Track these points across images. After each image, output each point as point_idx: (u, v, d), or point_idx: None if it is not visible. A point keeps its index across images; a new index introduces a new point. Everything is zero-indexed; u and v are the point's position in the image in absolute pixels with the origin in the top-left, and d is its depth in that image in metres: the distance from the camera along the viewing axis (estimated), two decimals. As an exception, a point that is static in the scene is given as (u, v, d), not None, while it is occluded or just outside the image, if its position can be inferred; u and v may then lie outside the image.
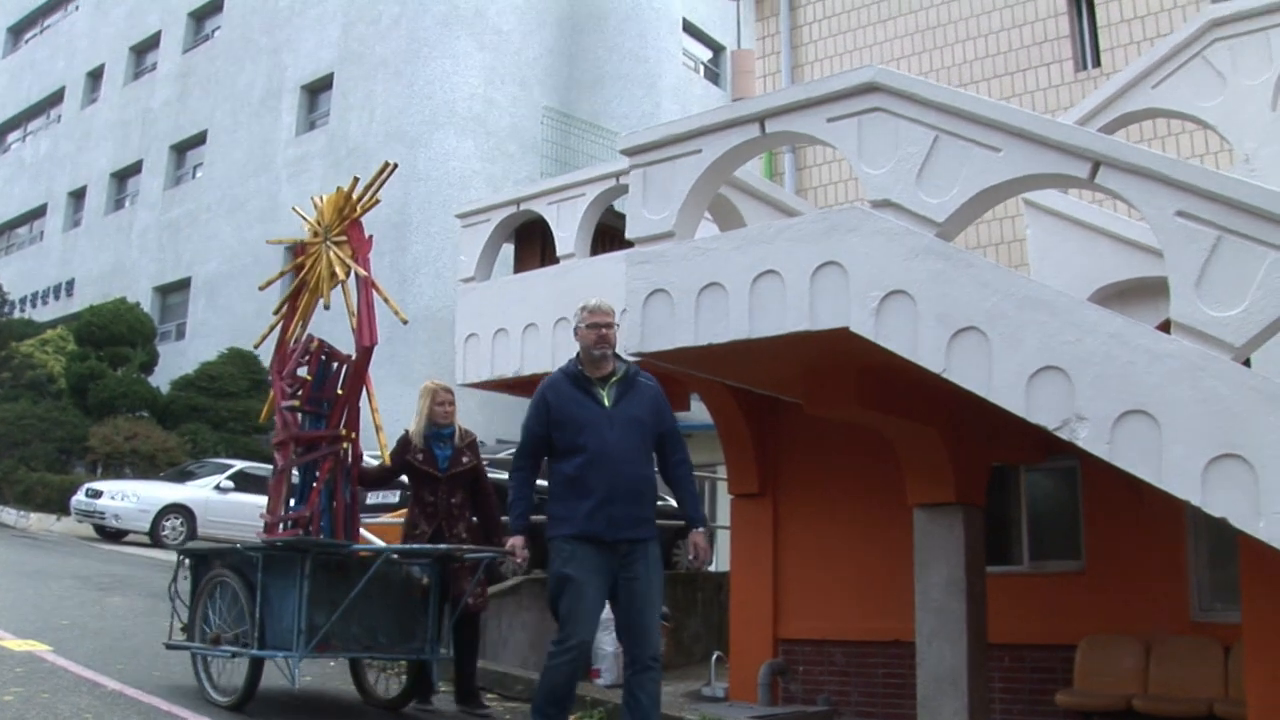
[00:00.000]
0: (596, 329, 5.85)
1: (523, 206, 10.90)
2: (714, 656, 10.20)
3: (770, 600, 9.75)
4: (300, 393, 7.26)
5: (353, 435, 7.31)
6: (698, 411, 10.99)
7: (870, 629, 9.65)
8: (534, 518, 6.12)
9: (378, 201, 7.30)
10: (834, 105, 6.85)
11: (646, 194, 7.54)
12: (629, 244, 7.74)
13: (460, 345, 10.73)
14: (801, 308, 6.57)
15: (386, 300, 7.16)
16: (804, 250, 6.66)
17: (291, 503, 7.20)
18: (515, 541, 5.91)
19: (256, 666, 6.76)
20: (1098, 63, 11.69)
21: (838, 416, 8.14)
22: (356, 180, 7.36)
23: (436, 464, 7.52)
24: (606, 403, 5.82)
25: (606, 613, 9.93)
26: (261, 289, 8.37)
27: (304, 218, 7.73)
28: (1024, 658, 9.50)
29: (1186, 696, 8.74)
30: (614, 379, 5.89)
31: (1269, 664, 6.05)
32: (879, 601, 9.46)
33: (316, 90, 26.79)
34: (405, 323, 7.85)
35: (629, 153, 7.75)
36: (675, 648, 12.13)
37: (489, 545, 7.48)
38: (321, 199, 7.62)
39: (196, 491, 18.27)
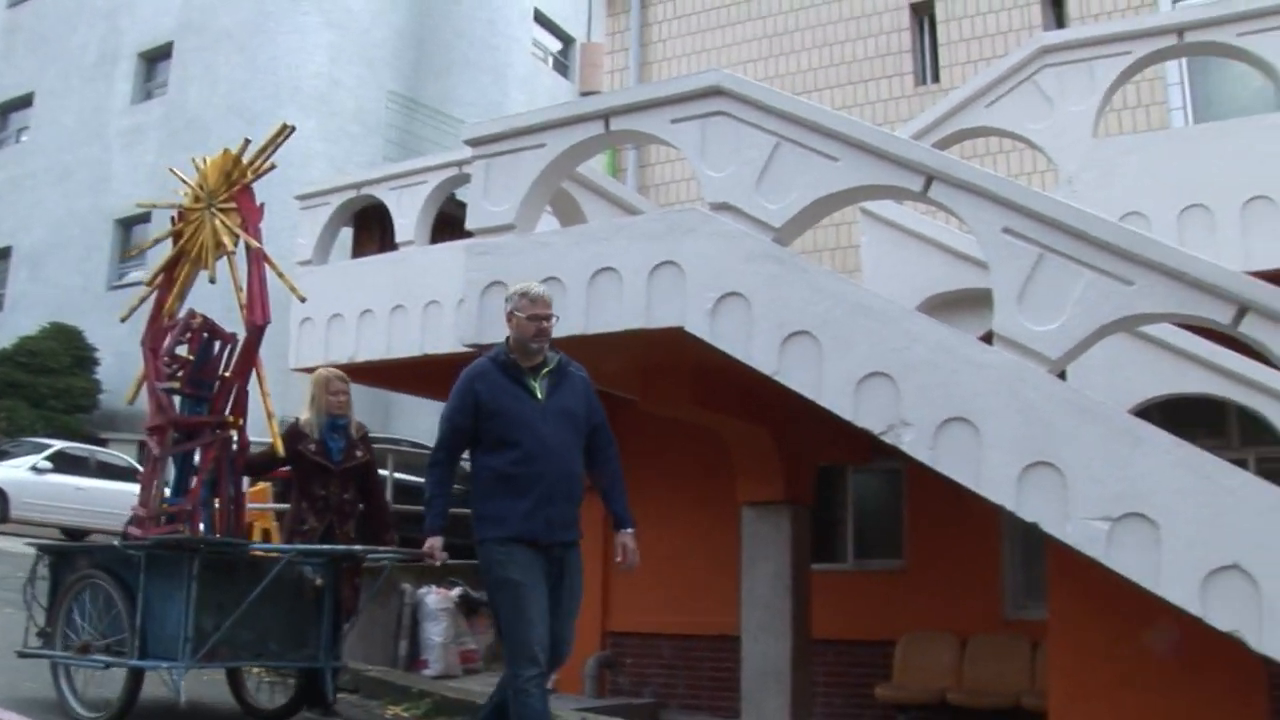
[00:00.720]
0: (537, 321, 5.42)
1: (363, 190, 10.74)
2: (541, 648, 10.24)
3: (599, 593, 9.81)
4: (180, 373, 6.71)
5: (240, 422, 6.83)
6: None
7: (697, 623, 9.80)
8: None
9: (273, 167, 6.87)
10: (679, 107, 6.92)
11: (489, 185, 7.51)
12: (469, 234, 7.70)
13: (295, 329, 10.51)
14: (638, 306, 6.63)
15: (281, 276, 6.76)
16: (643, 249, 6.71)
17: (166, 493, 6.67)
18: (434, 543, 5.41)
19: (136, 678, 6.16)
20: (937, 78, 12.04)
21: (671, 414, 8.24)
22: (247, 142, 6.89)
23: (330, 456, 7.06)
24: (539, 395, 5.40)
25: (439, 602, 9.94)
26: (124, 259, 7.72)
27: (184, 181, 7.17)
28: (846, 653, 9.76)
29: (997, 690, 9.12)
30: (545, 369, 5.47)
31: (1069, 658, 6.33)
32: (706, 596, 9.60)
33: (154, 58, 25.84)
34: (303, 301, 7.51)
35: (473, 143, 7.71)
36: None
37: (378, 544, 7.10)
38: (204, 161, 7.09)
39: (10, 472, 17.24)
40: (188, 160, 7.39)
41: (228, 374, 6.78)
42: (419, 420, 18.25)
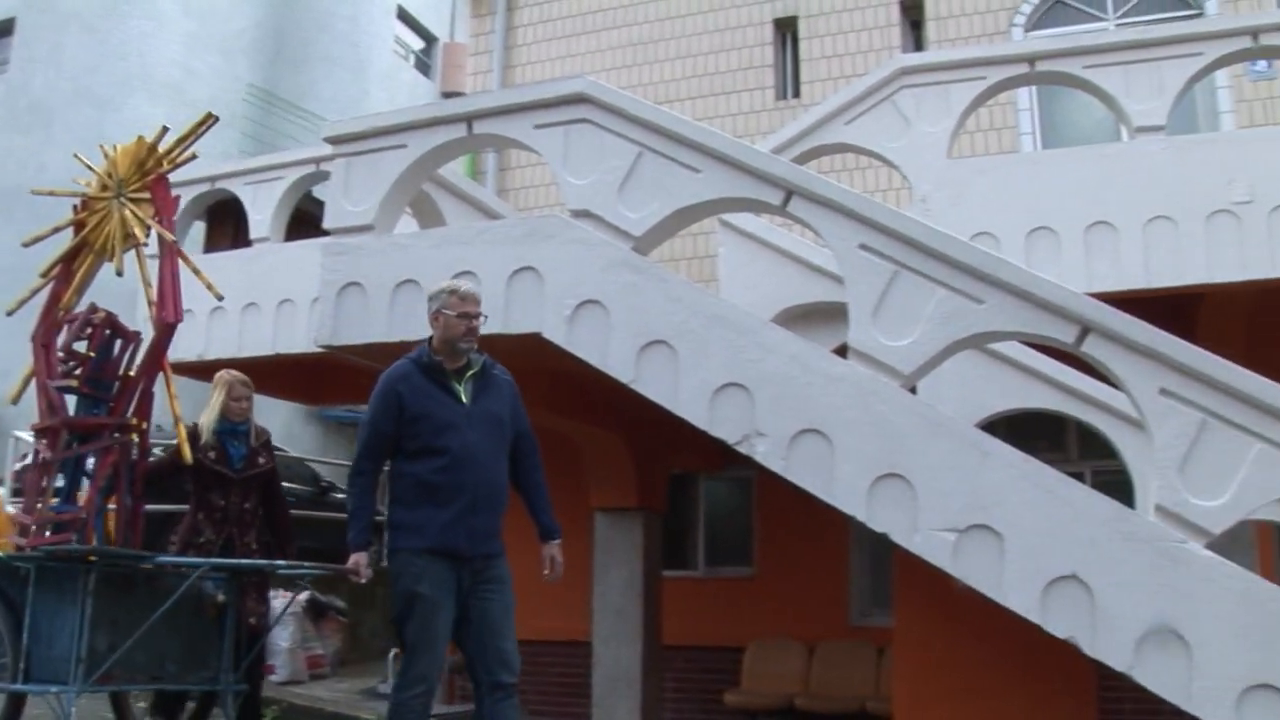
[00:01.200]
0: (468, 319, 5.22)
1: (217, 184, 10.48)
2: (390, 654, 10.11)
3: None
4: (78, 371, 6.31)
5: (144, 425, 6.44)
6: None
7: (548, 629, 9.76)
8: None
9: (193, 157, 6.54)
10: (543, 112, 6.90)
11: (348, 184, 7.39)
12: (325, 232, 7.57)
13: (143, 325, 10.20)
14: (496, 311, 6.56)
15: (197, 272, 6.41)
16: (502, 253, 6.67)
17: (54, 501, 6.25)
18: (359, 559, 5.20)
19: (16, 704, 5.87)
20: (798, 94, 12.20)
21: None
22: (165, 130, 6.55)
23: (230, 463, 6.73)
24: (464, 399, 5.20)
25: (286, 607, 9.75)
26: (25, 245, 7.09)
27: (89, 167, 6.78)
28: (696, 659, 9.86)
29: (843, 695, 9.31)
30: (470, 372, 5.27)
31: (913, 664, 6.48)
32: (557, 602, 9.56)
33: (-5, 34, 24.94)
34: (220, 299, 6.98)
35: (333, 141, 7.58)
36: (352, 644, 11.96)
37: (281, 555, 6.85)
38: (115, 148, 6.70)
39: None
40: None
41: (131, 374, 6.41)
42: (272, 420, 17.88)
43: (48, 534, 6.06)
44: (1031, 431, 8.37)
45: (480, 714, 5.15)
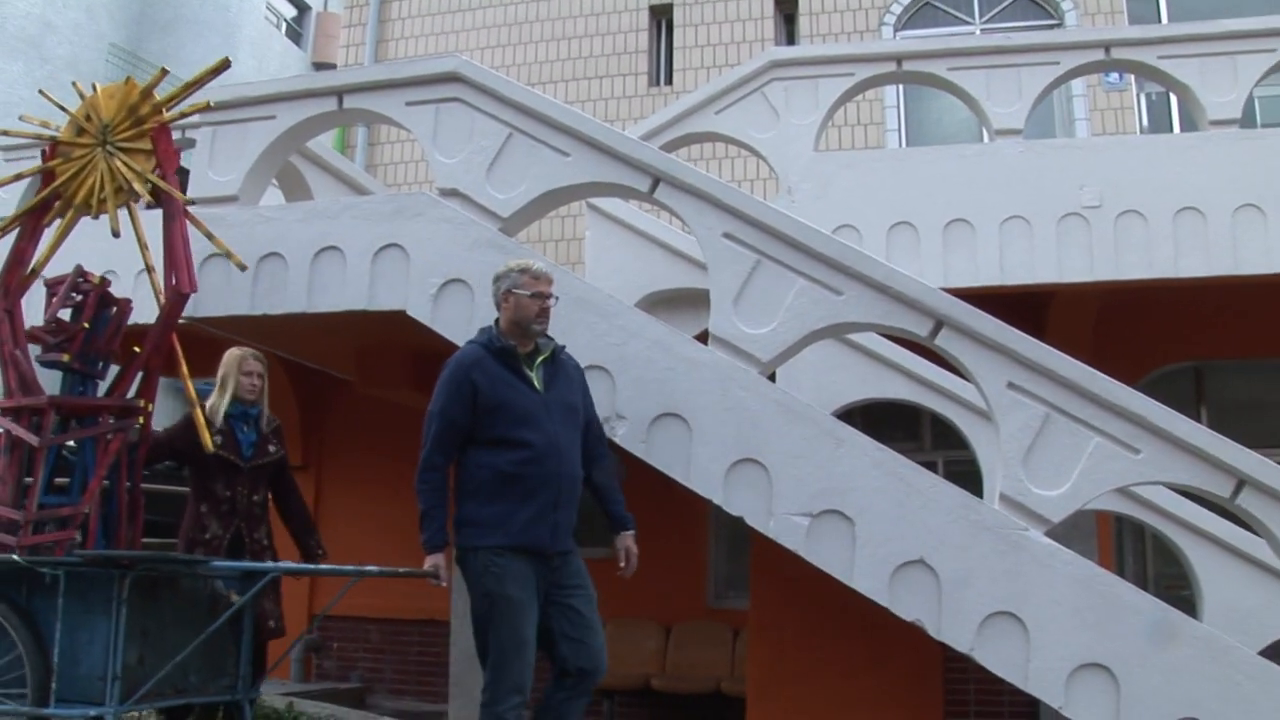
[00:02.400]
0: (542, 299, 4.99)
1: (76, 147, 10.17)
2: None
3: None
4: (68, 343, 5.64)
5: (150, 408, 5.82)
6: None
7: (406, 607, 9.76)
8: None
9: (207, 106, 5.97)
10: (415, 90, 6.84)
11: (214, 154, 7.23)
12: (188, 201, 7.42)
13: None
14: (361, 287, 6.52)
15: (211, 237, 5.82)
16: (369, 229, 6.60)
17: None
18: (437, 561, 4.88)
19: None
20: (670, 81, 12.32)
21: (389, 397, 8.17)
22: (164, 72, 5.95)
23: (240, 450, 6.10)
24: (538, 385, 4.94)
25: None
26: None
27: (62, 108, 6.09)
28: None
29: (698, 676, 9.45)
30: (540, 357, 5.02)
31: (767, 645, 6.62)
32: (416, 580, 9.56)
33: None
34: (243, 269, 6.29)
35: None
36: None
37: (306, 553, 6.36)
38: (95, 88, 5.98)
39: None
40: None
41: (137, 350, 5.75)
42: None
43: (43, 531, 5.41)
44: (887, 421, 8.60)
45: (550, 702, 4.91)
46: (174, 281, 5.69)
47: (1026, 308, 8.12)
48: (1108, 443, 5.43)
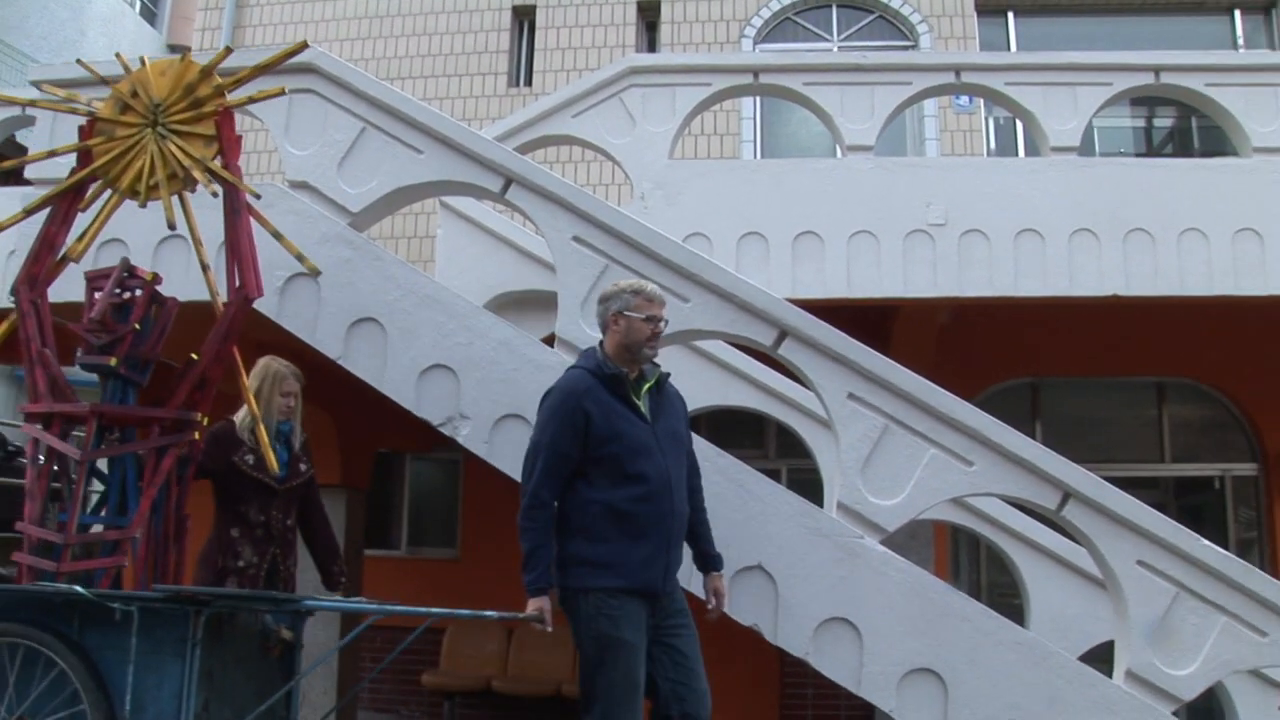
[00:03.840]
0: (654, 322, 4.71)
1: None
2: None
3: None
4: (117, 347, 5.03)
5: (206, 421, 5.32)
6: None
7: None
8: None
9: (281, 92, 5.39)
10: (269, 79, 6.70)
11: (55, 135, 6.95)
12: (28, 181, 7.16)
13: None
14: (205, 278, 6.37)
15: (278, 236, 5.25)
16: (217, 220, 6.44)
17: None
18: (543, 604, 4.50)
19: None
20: (530, 82, 12.30)
21: (230, 389, 8.00)
22: (228, 51, 5.42)
23: (270, 471, 5.61)
24: (646, 414, 4.63)
25: None
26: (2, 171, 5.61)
27: (104, 80, 5.48)
28: (397, 639, 9.76)
29: (539, 678, 9.45)
30: (646, 385, 4.72)
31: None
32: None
33: None
34: (317, 274, 5.78)
35: (42, 86, 7.17)
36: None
37: (329, 579, 6.00)
38: (144, 62, 5.35)
39: None
40: None
41: (194, 357, 5.18)
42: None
43: (88, 556, 4.88)
44: (733, 429, 8.70)
45: None
46: (238, 284, 5.15)
47: (872, 320, 8.31)
48: (943, 455, 5.57)
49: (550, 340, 6.01)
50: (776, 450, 9.65)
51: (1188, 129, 12.71)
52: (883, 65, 8.67)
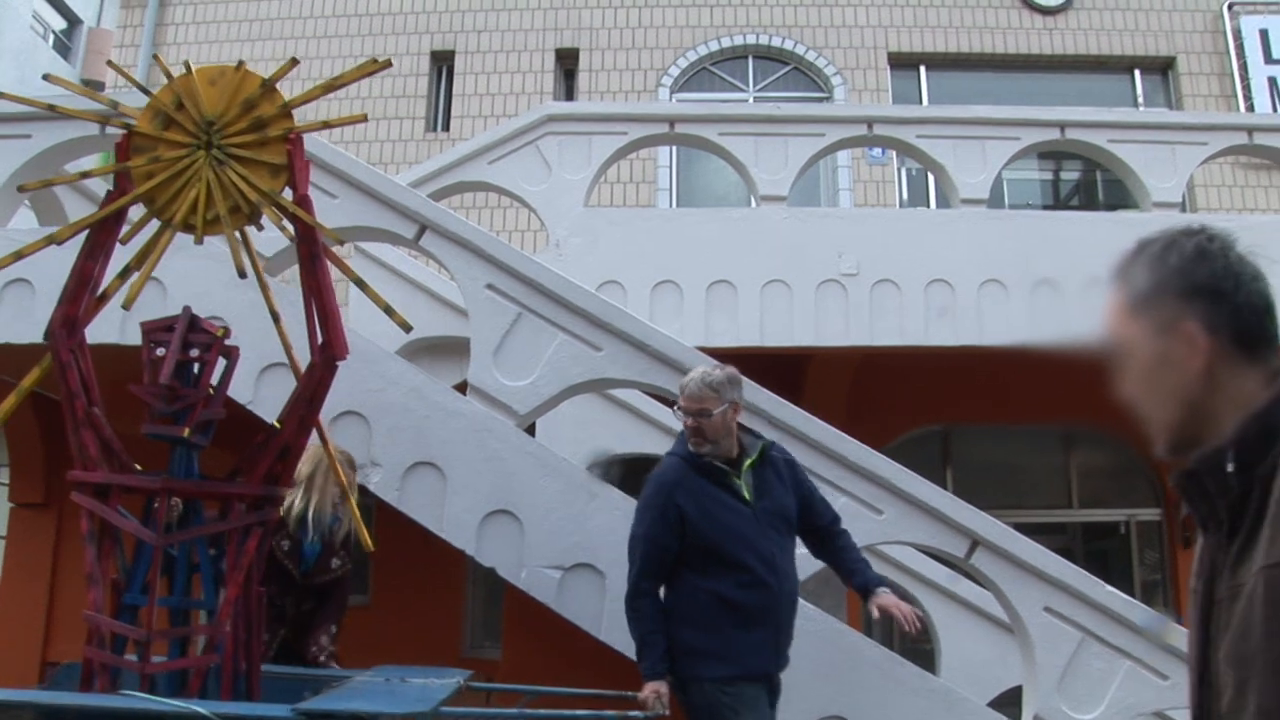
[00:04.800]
0: (688, 416, 4.55)
1: None
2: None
3: (42, 619, 9.13)
4: (189, 414, 4.33)
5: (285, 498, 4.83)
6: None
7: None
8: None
9: (363, 118, 4.61)
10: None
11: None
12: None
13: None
14: (114, 319, 6.26)
15: (361, 285, 4.52)
16: (119, 261, 6.35)
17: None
18: (660, 688, 4.41)
19: None
20: (447, 128, 12.29)
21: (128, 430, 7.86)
22: (294, 63, 4.47)
23: (299, 561, 5.49)
24: (747, 495, 4.51)
25: None
26: (25, 190, 5.08)
27: (143, 90, 4.67)
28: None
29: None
30: (749, 460, 4.58)
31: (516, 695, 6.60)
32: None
33: None
34: (408, 330, 4.69)
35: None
36: None
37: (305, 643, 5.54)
38: (188, 68, 4.44)
39: None
40: None
41: (278, 425, 4.56)
42: None
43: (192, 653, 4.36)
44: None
45: None
46: (320, 341, 4.51)
47: (785, 369, 8.37)
48: (854, 504, 5.62)
49: (462, 387, 5.99)
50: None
51: (1094, 182, 13.03)
52: (796, 117, 8.80)
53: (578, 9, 12.58)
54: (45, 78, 4.84)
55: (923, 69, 12.82)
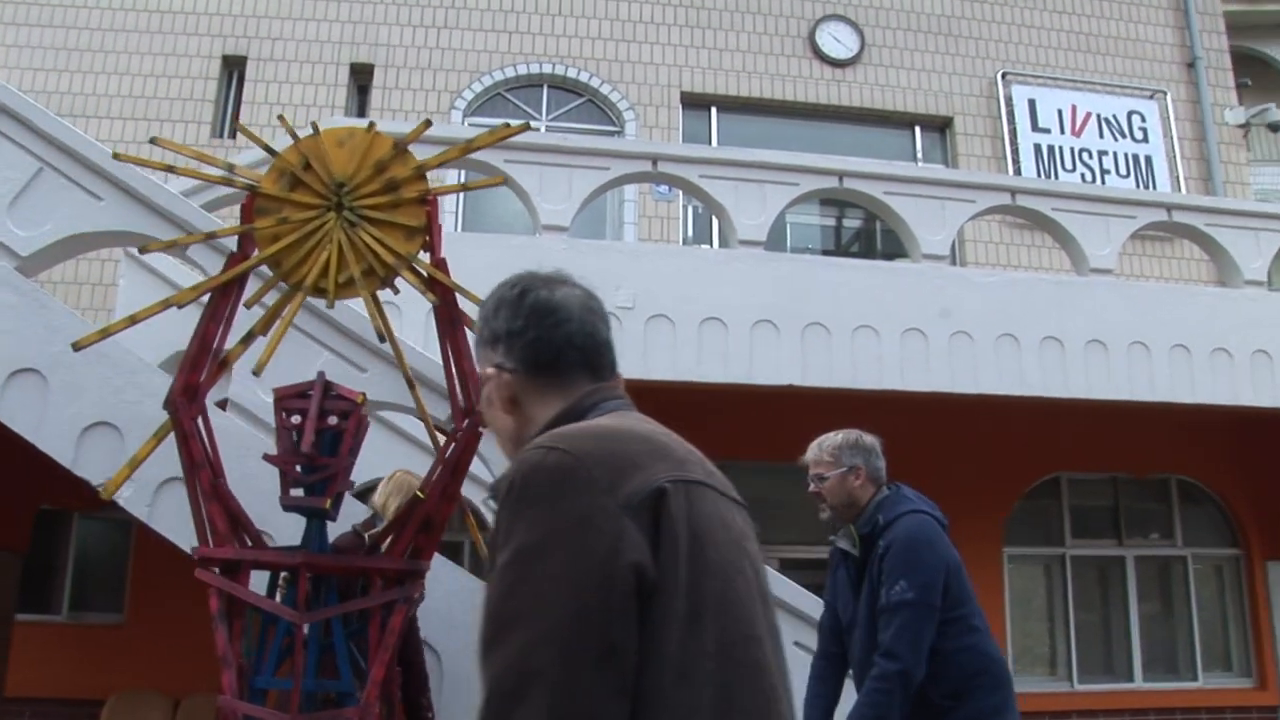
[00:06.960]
0: (811, 482, 4.28)
1: None
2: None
3: None
4: (329, 485, 4.32)
5: (426, 572, 4.65)
6: None
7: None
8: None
9: (501, 181, 4.58)
10: None
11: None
12: None
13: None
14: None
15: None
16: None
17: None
18: None
19: None
20: (234, 135, 12.02)
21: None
22: (427, 124, 4.66)
23: None
24: (859, 581, 4.12)
25: None
26: (146, 252, 4.89)
27: (269, 150, 4.59)
28: (49, 712, 9.23)
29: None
30: (863, 533, 4.19)
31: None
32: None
33: None
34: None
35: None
36: None
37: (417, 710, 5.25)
38: (316, 129, 4.51)
39: None
40: None
41: (421, 494, 4.48)
42: None
43: None
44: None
45: None
46: (462, 406, 4.47)
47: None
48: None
49: (223, 405, 5.89)
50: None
51: (873, 231, 13.54)
52: (582, 149, 8.92)
53: (375, 25, 12.48)
54: (153, 141, 4.99)
55: (714, 110, 13.12)
